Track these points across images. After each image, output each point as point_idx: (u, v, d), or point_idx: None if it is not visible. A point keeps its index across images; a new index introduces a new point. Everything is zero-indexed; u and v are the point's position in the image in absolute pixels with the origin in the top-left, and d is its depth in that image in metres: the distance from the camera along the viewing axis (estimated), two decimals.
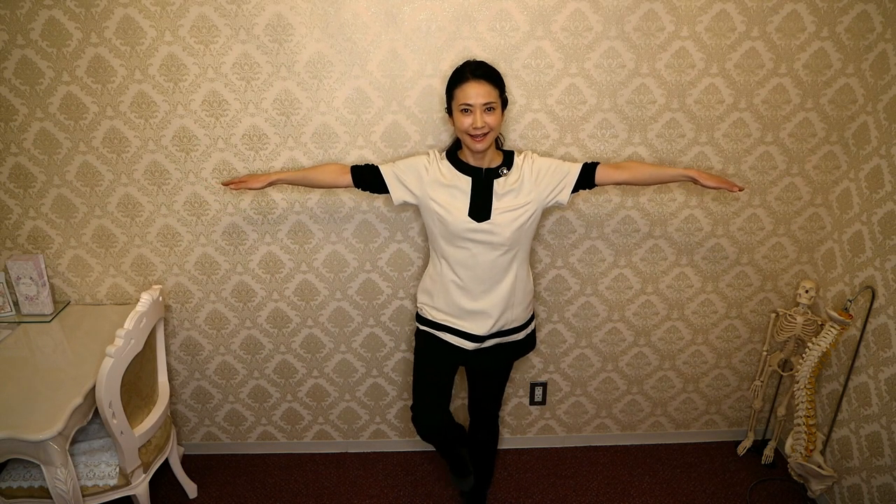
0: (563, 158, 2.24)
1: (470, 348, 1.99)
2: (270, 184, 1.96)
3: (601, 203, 2.34)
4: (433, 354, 2.04)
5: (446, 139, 2.18)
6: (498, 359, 2.06)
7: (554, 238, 2.38)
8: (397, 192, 1.92)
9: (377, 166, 1.94)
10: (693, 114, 2.21)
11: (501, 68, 2.09)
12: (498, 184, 1.85)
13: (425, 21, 2.04)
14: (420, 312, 2.07)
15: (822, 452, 2.41)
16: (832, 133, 2.28)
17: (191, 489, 2.48)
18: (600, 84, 2.15)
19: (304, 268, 2.38)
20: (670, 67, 2.14)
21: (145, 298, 1.97)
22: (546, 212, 2.31)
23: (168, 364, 2.48)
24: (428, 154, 1.93)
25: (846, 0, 2.08)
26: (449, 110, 1.85)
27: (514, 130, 2.19)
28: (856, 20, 2.11)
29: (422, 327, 2.07)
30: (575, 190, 1.91)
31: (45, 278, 2.26)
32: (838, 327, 2.21)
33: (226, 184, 1.96)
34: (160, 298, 2.14)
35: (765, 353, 2.57)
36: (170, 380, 2.52)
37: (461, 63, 1.83)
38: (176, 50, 2.04)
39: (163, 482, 2.52)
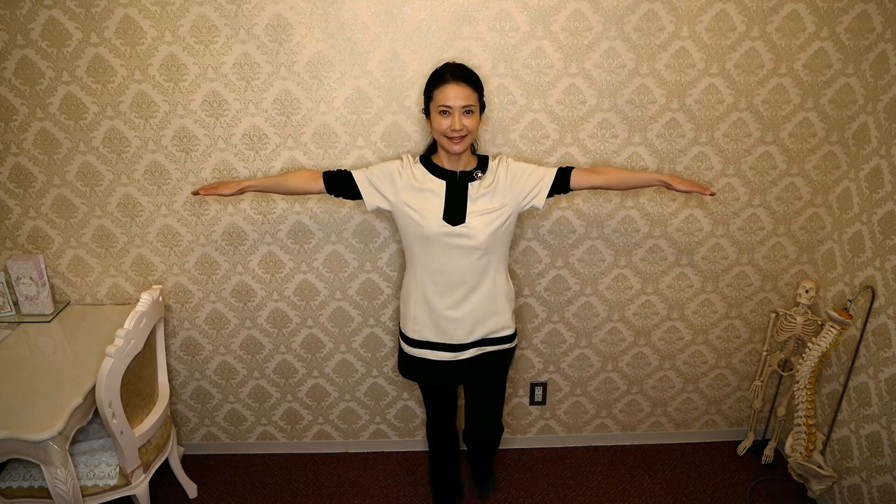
0: (564, 158, 2.25)
1: (449, 359, 1.96)
2: (241, 191, 1.91)
3: (601, 203, 2.34)
4: (421, 375, 2.04)
5: None
6: (492, 368, 2.04)
7: (554, 238, 2.38)
8: (371, 198, 1.89)
9: (350, 172, 1.91)
10: (693, 114, 2.21)
11: (501, 68, 2.10)
12: (472, 187, 1.84)
13: (425, 21, 2.04)
14: (401, 327, 2.03)
15: (822, 452, 2.41)
16: (832, 133, 2.28)
17: (191, 489, 2.48)
18: (600, 84, 2.15)
19: (304, 268, 2.38)
20: (670, 67, 2.14)
21: (145, 298, 1.97)
22: (546, 212, 2.32)
23: (168, 364, 2.48)
24: (401, 158, 1.92)
25: (846, 0, 2.08)
26: (426, 111, 1.85)
27: (514, 130, 2.19)
28: (856, 20, 2.11)
29: (404, 347, 2.04)
30: (550, 194, 1.90)
31: (45, 278, 2.26)
32: (838, 327, 2.21)
33: (195, 192, 1.90)
34: (160, 298, 2.14)
35: (765, 353, 2.57)
36: (170, 380, 2.52)
37: (440, 65, 1.83)
38: (176, 50, 2.04)
39: (163, 482, 2.52)
